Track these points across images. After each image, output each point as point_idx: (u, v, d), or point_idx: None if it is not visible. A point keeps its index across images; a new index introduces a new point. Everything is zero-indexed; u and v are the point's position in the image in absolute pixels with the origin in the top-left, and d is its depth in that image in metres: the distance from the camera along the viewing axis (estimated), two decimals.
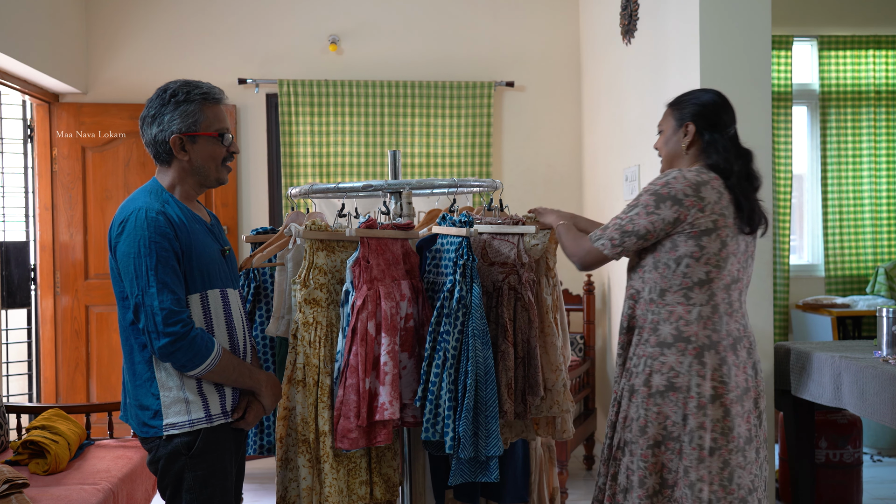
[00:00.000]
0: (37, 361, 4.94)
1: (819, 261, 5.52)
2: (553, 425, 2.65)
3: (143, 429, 2.09)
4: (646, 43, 4.28)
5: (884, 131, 5.43)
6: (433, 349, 2.38)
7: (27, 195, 4.93)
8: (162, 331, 1.99)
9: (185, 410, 2.06)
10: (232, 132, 2.24)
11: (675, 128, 2.43)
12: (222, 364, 2.07)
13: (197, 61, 5.13)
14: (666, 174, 2.35)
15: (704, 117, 2.39)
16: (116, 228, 2.08)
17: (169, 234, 2.04)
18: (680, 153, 2.43)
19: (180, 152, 2.13)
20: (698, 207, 2.26)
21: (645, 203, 2.31)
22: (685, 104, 2.43)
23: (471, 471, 2.38)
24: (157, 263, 2.01)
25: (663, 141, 2.48)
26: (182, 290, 2.05)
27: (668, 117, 2.47)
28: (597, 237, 2.39)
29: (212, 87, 2.17)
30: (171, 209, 2.09)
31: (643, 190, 2.36)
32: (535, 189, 5.40)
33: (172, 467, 2.08)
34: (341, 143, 5.13)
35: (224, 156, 2.19)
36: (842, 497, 3.93)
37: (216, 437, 2.11)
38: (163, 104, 2.13)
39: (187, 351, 2.00)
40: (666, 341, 2.30)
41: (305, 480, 2.35)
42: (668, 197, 2.28)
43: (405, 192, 2.74)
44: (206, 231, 2.18)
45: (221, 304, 2.14)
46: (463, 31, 5.34)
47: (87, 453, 3.46)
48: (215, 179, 2.20)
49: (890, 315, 3.28)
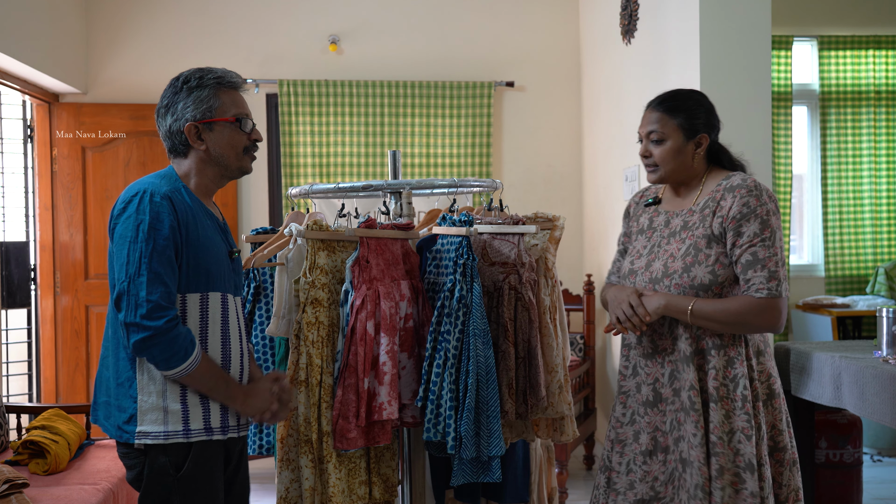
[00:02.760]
0: (37, 361, 4.94)
1: (819, 261, 5.52)
2: (553, 427, 2.65)
3: (118, 432, 1.94)
4: (646, 43, 4.28)
5: (884, 131, 5.43)
6: (434, 349, 2.38)
7: (27, 195, 4.93)
8: (143, 324, 1.84)
9: (161, 420, 1.91)
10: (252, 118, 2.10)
11: (685, 139, 2.22)
12: (200, 370, 1.91)
13: (197, 61, 5.09)
14: (754, 187, 2.13)
15: (715, 126, 2.27)
16: (118, 209, 1.95)
17: (171, 222, 1.90)
18: (690, 164, 2.25)
19: (196, 141, 2.01)
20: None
21: (778, 225, 2.13)
22: (691, 112, 2.23)
23: (473, 471, 2.37)
24: (153, 252, 1.87)
25: (671, 154, 2.22)
26: (174, 285, 1.91)
27: (666, 124, 2.23)
28: (778, 288, 2.09)
29: (227, 72, 2.06)
30: (180, 196, 1.96)
31: (757, 212, 2.11)
32: (535, 189, 5.40)
33: (156, 488, 1.93)
34: (341, 143, 5.13)
35: (245, 144, 2.06)
36: (842, 497, 3.93)
37: (207, 456, 1.97)
38: (175, 92, 2.02)
39: (165, 349, 1.85)
40: (759, 349, 2.22)
41: (308, 481, 2.35)
42: (778, 209, 2.16)
43: (405, 192, 2.74)
44: (216, 229, 2.07)
45: (220, 309, 2.01)
46: (463, 31, 5.34)
47: (87, 453, 3.46)
48: (237, 169, 2.07)
49: (890, 315, 3.28)
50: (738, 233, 2.12)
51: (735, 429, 2.12)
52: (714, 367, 2.15)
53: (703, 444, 2.13)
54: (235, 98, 2.07)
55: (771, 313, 2.09)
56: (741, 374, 2.14)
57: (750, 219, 2.11)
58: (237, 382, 2.05)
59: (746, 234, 2.11)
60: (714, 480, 2.11)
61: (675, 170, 2.25)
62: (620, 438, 2.31)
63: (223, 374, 2.00)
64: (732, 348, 2.15)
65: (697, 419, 2.14)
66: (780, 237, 2.13)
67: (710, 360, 2.16)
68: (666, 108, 2.25)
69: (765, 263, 2.09)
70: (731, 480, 2.10)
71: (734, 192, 2.15)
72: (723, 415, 2.13)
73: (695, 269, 2.16)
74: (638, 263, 2.29)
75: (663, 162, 2.24)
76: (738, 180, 2.18)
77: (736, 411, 2.12)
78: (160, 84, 2.14)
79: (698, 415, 2.14)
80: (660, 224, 2.31)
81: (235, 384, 2.03)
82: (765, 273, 2.08)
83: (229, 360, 2.04)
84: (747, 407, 2.12)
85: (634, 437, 2.27)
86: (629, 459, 2.27)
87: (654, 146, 2.25)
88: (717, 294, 2.14)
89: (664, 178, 2.28)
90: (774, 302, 2.09)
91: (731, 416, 2.13)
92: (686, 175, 2.27)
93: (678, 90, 2.33)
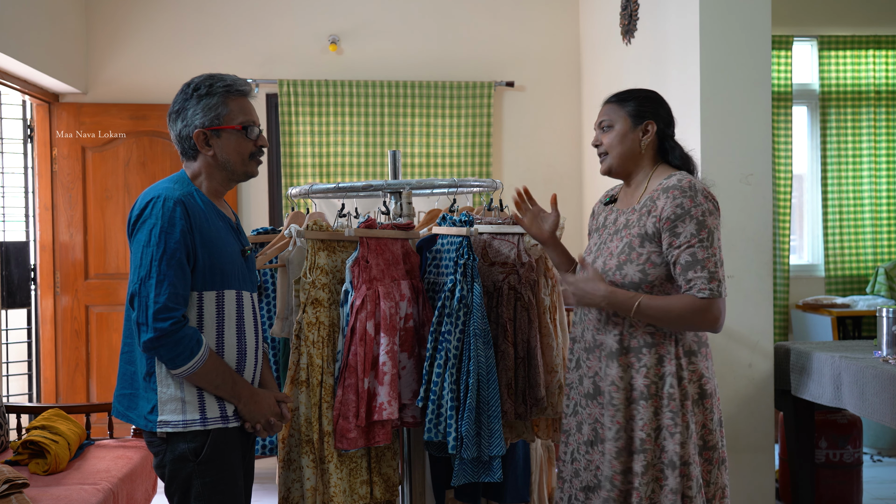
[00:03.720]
0: (37, 361, 4.94)
1: (819, 261, 5.52)
2: (553, 428, 2.65)
3: (144, 422, 2.05)
4: (646, 43, 4.28)
5: (884, 131, 5.43)
6: (434, 349, 2.38)
7: (27, 195, 4.93)
8: (151, 325, 1.95)
9: (180, 409, 2.02)
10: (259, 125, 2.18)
11: (632, 125, 2.25)
12: (206, 368, 2.01)
13: (197, 61, 5.12)
14: (689, 187, 2.14)
15: (663, 117, 2.27)
16: (134, 215, 2.05)
17: (183, 226, 1.99)
18: (638, 153, 2.26)
19: (204, 147, 2.10)
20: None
21: (715, 225, 2.14)
22: (640, 101, 2.27)
23: (474, 471, 2.38)
24: (164, 255, 1.96)
25: (617, 138, 2.26)
26: (185, 287, 2.00)
27: (615, 112, 2.28)
28: (719, 289, 2.10)
29: (236, 80, 2.13)
30: (194, 200, 2.06)
31: (692, 213, 2.12)
32: (535, 189, 5.34)
33: (180, 473, 2.04)
34: (341, 143, 5.13)
35: (251, 150, 2.14)
36: (842, 497, 3.93)
37: (225, 442, 2.07)
38: (186, 98, 2.10)
39: (171, 349, 1.96)
40: (691, 349, 2.21)
41: (309, 481, 2.35)
42: (717, 208, 2.16)
43: (405, 192, 2.74)
44: (229, 229, 2.15)
45: (235, 305, 2.10)
46: (463, 31, 5.34)
47: (87, 453, 3.46)
48: (243, 173, 2.16)
49: (890, 315, 3.29)
50: (675, 233, 2.13)
51: (661, 426, 2.15)
52: (645, 364, 2.17)
53: (618, 439, 2.18)
54: (243, 105, 2.14)
55: (712, 314, 2.11)
56: (669, 372, 2.16)
57: (685, 220, 2.12)
58: (246, 383, 2.12)
59: (683, 234, 2.12)
60: (640, 476, 2.14)
61: (623, 156, 2.27)
62: (565, 429, 2.35)
63: (230, 374, 2.07)
64: (662, 346, 2.17)
65: (614, 414, 2.18)
66: (718, 237, 2.14)
67: (642, 357, 2.18)
68: (618, 99, 2.31)
69: (704, 264, 2.10)
70: (655, 476, 2.14)
71: (668, 192, 2.16)
72: (651, 412, 2.15)
73: (626, 267, 2.18)
74: (588, 260, 2.31)
75: (611, 147, 2.28)
76: (674, 181, 2.18)
77: (662, 409, 2.15)
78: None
79: (615, 409, 2.18)
80: (611, 222, 2.34)
81: (243, 385, 2.10)
82: (705, 274, 2.10)
83: (245, 354, 2.12)
84: (673, 405, 2.14)
85: (577, 427, 2.30)
86: (573, 449, 2.31)
87: (603, 134, 2.30)
88: (646, 293, 2.16)
89: (612, 167, 2.30)
90: (716, 303, 2.11)
91: (658, 414, 2.15)
92: (634, 165, 2.28)
93: (635, 88, 2.37)
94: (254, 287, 2.23)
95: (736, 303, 3.59)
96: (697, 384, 2.19)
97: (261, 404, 2.12)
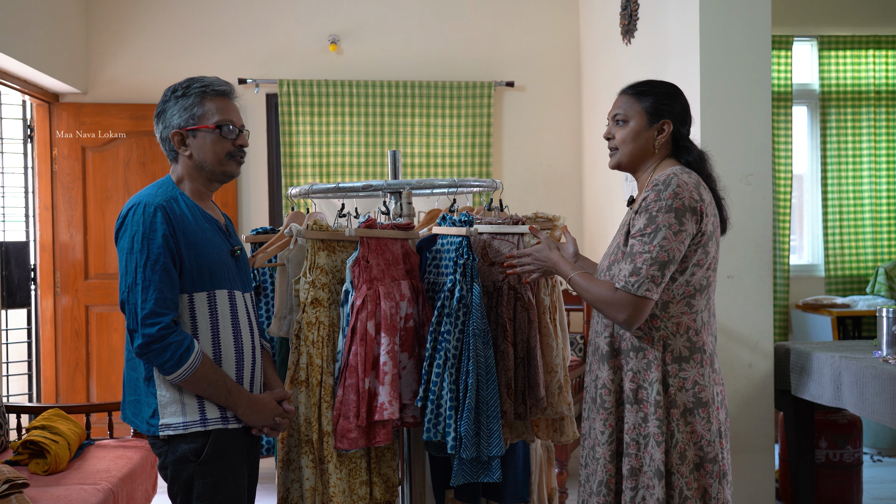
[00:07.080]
0: (37, 361, 4.94)
1: (819, 261, 5.52)
2: (553, 428, 2.65)
3: (146, 427, 2.07)
4: (646, 43, 4.28)
5: (884, 131, 5.43)
6: (434, 349, 2.38)
7: (27, 195, 4.93)
8: (140, 331, 1.97)
9: (180, 412, 2.03)
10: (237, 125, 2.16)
11: (647, 123, 2.17)
12: (199, 375, 2.00)
13: (197, 61, 5.12)
14: (664, 182, 2.09)
15: (680, 116, 2.19)
16: (118, 225, 2.08)
17: (165, 230, 2.00)
18: (650, 151, 2.19)
19: (181, 147, 2.12)
20: (705, 211, 2.09)
21: (667, 223, 2.04)
22: (658, 97, 2.18)
23: (473, 471, 2.37)
24: (147, 261, 1.98)
25: (631, 135, 2.17)
26: (172, 291, 2.01)
27: (631, 107, 2.19)
28: (636, 285, 2.02)
29: (216, 80, 2.14)
30: (177, 204, 2.07)
31: (649, 207, 2.08)
32: (535, 189, 5.40)
33: (181, 474, 2.06)
34: (341, 143, 5.13)
35: (229, 150, 2.13)
36: (842, 497, 3.93)
37: (226, 443, 2.08)
38: (166, 101, 2.13)
39: (159, 354, 1.97)
40: (681, 355, 2.12)
41: (309, 481, 2.35)
42: (686, 208, 2.05)
43: (405, 192, 2.74)
44: (216, 230, 2.15)
45: (229, 305, 2.11)
46: (463, 31, 5.34)
47: (87, 453, 3.46)
48: (221, 173, 2.15)
49: (890, 315, 3.29)
50: (633, 225, 2.12)
51: (649, 434, 2.11)
52: (632, 369, 2.14)
53: (611, 443, 2.15)
54: (221, 105, 2.14)
55: (621, 307, 2.04)
56: (655, 378, 2.10)
57: (642, 213, 2.09)
58: (243, 391, 2.11)
59: (636, 227, 2.09)
60: (625, 480, 2.12)
61: (633, 153, 2.20)
62: (582, 433, 2.35)
63: (225, 383, 2.07)
64: (650, 351, 2.12)
65: (606, 417, 2.16)
66: (668, 235, 2.03)
67: (629, 360, 2.15)
68: (635, 92, 2.21)
69: (634, 258, 2.05)
70: (645, 484, 2.10)
71: (649, 187, 2.13)
72: (640, 418, 2.12)
73: (615, 266, 2.16)
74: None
75: (622, 143, 2.20)
76: (662, 175, 2.12)
77: (649, 417, 2.11)
78: (160, 84, 2.21)
79: (608, 413, 2.16)
80: (623, 222, 2.31)
81: (239, 393, 2.09)
82: (630, 266, 2.05)
83: (242, 352, 2.13)
84: (659, 413, 2.09)
85: (588, 431, 2.29)
86: (585, 453, 2.30)
87: (617, 128, 2.21)
88: None
89: (622, 163, 2.23)
90: (628, 297, 2.03)
91: (647, 421, 2.11)
92: (643, 162, 2.21)
93: (654, 80, 2.28)
94: (248, 287, 2.23)
95: (736, 303, 3.60)
96: (691, 392, 2.10)
97: (260, 411, 2.13)
